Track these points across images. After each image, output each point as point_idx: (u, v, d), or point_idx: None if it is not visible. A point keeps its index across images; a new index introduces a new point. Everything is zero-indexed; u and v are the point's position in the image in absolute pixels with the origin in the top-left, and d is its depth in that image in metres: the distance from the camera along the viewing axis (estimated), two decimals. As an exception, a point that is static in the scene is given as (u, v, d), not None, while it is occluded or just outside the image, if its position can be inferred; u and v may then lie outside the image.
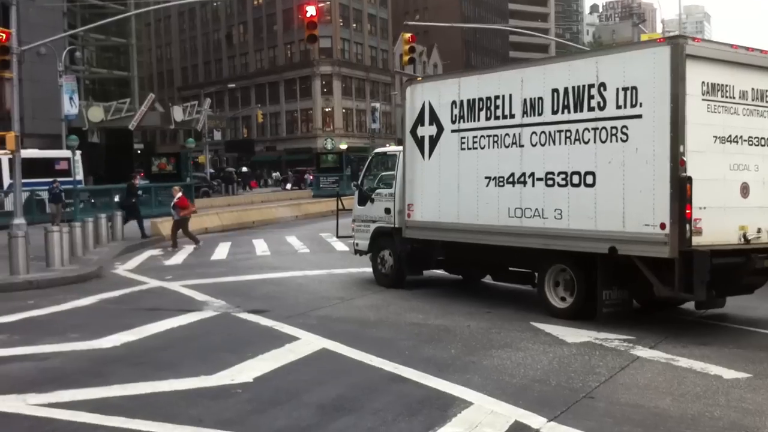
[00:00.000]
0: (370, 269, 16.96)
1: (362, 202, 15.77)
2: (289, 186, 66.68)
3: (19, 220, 24.85)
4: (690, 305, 11.92)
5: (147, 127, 64.57)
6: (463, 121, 13.01)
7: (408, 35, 31.12)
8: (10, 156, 32.53)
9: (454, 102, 13.17)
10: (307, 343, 10.15)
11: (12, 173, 33.52)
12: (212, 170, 65.01)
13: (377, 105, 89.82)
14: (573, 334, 10.43)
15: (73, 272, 17.82)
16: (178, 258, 21.28)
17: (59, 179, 32.83)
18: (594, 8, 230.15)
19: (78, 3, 65.60)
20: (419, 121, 13.93)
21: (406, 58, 31.34)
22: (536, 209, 11.73)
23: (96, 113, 58.29)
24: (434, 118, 13.60)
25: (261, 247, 23.32)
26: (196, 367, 8.94)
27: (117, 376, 8.65)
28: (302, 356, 9.47)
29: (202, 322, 11.91)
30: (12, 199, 27.95)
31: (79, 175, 38.73)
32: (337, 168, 51.67)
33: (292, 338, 10.46)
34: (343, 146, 70.41)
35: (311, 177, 64.01)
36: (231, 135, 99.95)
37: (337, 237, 17.99)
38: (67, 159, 38.57)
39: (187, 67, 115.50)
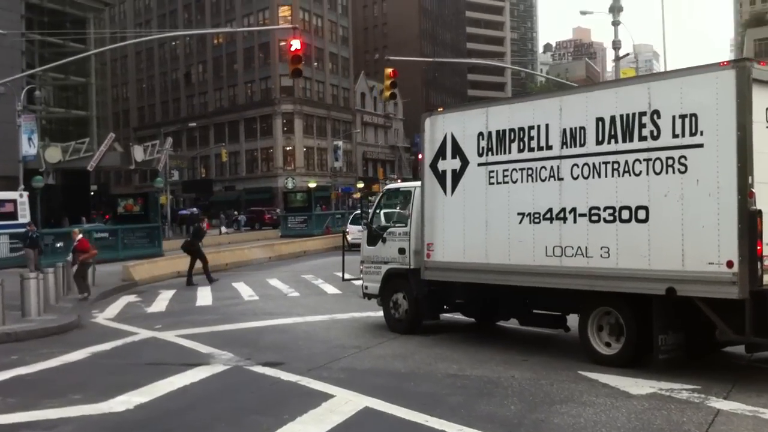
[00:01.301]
0: (373, 313, 16.14)
1: (372, 241, 14.74)
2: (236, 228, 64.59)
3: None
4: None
5: (106, 167, 62.86)
6: (492, 154, 12.14)
7: (389, 70, 30.52)
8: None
9: (481, 133, 12.31)
10: (346, 401, 9.06)
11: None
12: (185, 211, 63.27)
13: (339, 143, 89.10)
14: (633, 385, 9.50)
15: (52, 322, 16.42)
16: (159, 305, 19.96)
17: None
18: (547, 47, 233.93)
19: (36, 42, 64.06)
20: (440, 154, 13.03)
21: (387, 93, 30.72)
22: (579, 247, 10.84)
23: (53, 154, 56.36)
24: (458, 151, 12.71)
25: (245, 291, 22.08)
26: (229, 435, 7.82)
27: (143, 448, 7.49)
28: (347, 417, 8.38)
29: (216, 379, 10.73)
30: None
31: (26, 218, 36.99)
32: (306, 207, 50.56)
33: (325, 395, 9.35)
34: (312, 184, 69.36)
35: (268, 217, 62.41)
36: (189, 175, 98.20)
37: (343, 280, 16.94)
38: (13, 201, 36.80)
39: (144, 106, 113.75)
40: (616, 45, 31.71)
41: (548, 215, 11.27)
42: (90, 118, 66.31)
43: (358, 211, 46.21)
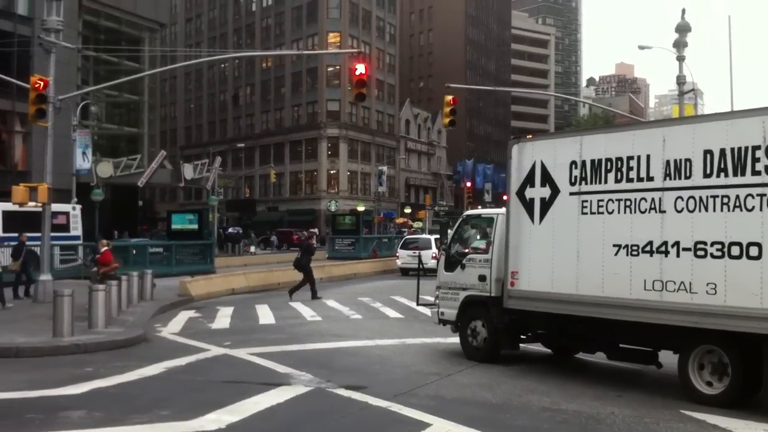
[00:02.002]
0: (442, 339, 15.98)
1: (450, 267, 14.45)
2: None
3: (46, 276, 23.68)
4: None
5: (155, 183, 63.47)
6: (586, 183, 11.82)
7: (449, 97, 30.27)
8: (9, 208, 31.39)
9: (573, 162, 12.00)
10: (445, 431, 8.74)
11: (6, 226, 32.39)
12: (232, 229, 63.57)
13: (384, 168, 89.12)
14: (744, 427, 9.06)
15: (119, 335, 16.35)
16: (222, 321, 19.83)
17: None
18: (590, 81, 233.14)
19: (91, 59, 65.08)
20: (528, 181, 12.74)
21: (446, 120, 30.44)
22: (682, 282, 10.45)
23: (105, 169, 57.07)
24: (548, 179, 12.41)
25: (305, 311, 21.85)
26: (336, 461, 7.54)
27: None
28: (453, 449, 8.06)
29: (302, 401, 10.46)
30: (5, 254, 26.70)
31: (78, 231, 37.29)
32: (354, 230, 50.44)
33: (422, 424, 9.04)
34: (360, 208, 69.27)
35: (296, 237, 62.23)
36: (233, 194, 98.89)
37: (417, 305, 16.66)
38: (66, 213, 37.12)
39: (191, 126, 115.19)
40: (681, 80, 31.19)
41: (648, 248, 10.90)
42: (141, 136, 67.01)
43: (409, 236, 46.13)
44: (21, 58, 46.48)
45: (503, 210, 13.98)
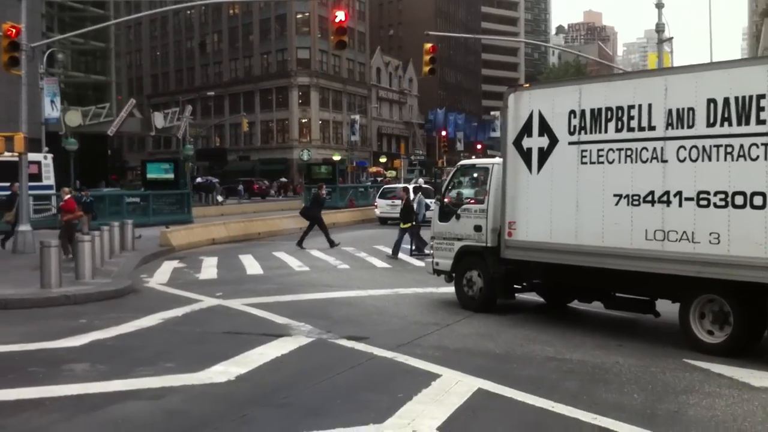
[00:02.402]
0: (434, 289, 16.09)
1: (445, 218, 14.40)
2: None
3: (25, 227, 23.28)
4: None
5: (126, 132, 62.52)
6: (585, 133, 11.75)
7: (429, 45, 29.96)
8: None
9: (572, 111, 11.91)
10: (456, 382, 8.75)
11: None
12: (200, 179, 62.56)
13: (357, 117, 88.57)
14: (750, 376, 9.12)
15: (108, 286, 16.18)
16: (209, 272, 19.70)
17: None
18: (560, 29, 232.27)
19: (55, 4, 63.39)
20: (525, 131, 12.63)
21: (426, 68, 30.15)
22: (684, 232, 10.49)
23: (74, 118, 55.93)
24: (545, 129, 12.32)
25: (291, 261, 21.78)
26: (351, 414, 7.53)
27: (269, 425, 7.23)
28: (465, 399, 8.07)
29: (306, 351, 10.44)
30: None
31: (50, 180, 36.67)
32: (330, 179, 50.07)
33: (431, 374, 9.05)
34: (336, 157, 68.83)
35: (256, 186, 60.61)
36: (203, 144, 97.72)
37: (411, 254, 16.63)
38: (38, 163, 36.45)
39: (158, 74, 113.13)
40: (660, 28, 31.12)
41: (649, 198, 10.90)
42: (108, 84, 65.80)
43: (386, 185, 45.99)
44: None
45: (498, 160, 13.90)
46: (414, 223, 22.88)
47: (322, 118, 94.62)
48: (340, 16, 24.41)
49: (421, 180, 45.28)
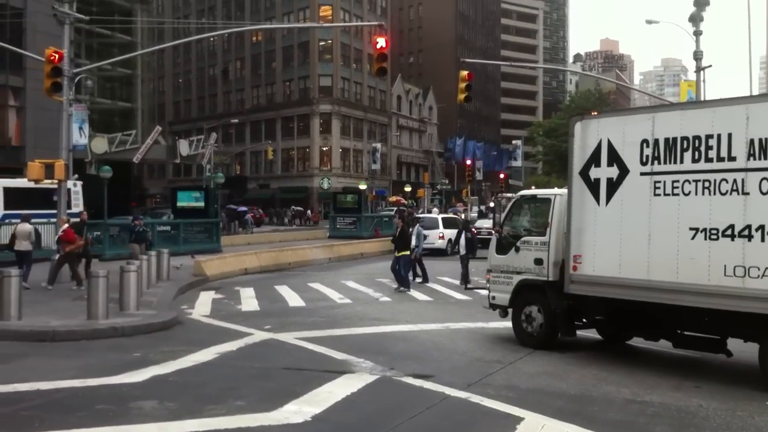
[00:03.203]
0: (484, 323, 15.64)
1: (503, 250, 14.04)
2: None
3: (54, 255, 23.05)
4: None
5: (152, 160, 62.61)
6: (659, 163, 11.40)
7: (465, 73, 29.78)
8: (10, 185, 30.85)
9: (645, 141, 11.57)
10: (541, 426, 8.40)
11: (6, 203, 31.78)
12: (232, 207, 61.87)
13: (378, 145, 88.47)
14: (844, 420, 8.75)
15: (154, 318, 15.86)
16: (250, 303, 19.37)
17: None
18: (577, 57, 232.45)
19: (83, 31, 63.83)
20: (593, 161, 12.30)
21: (461, 96, 29.96)
22: (767, 268, 10.10)
23: (99, 144, 56.14)
24: (615, 159, 11.98)
25: (330, 293, 21.40)
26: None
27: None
28: (559, 445, 7.70)
29: (374, 390, 10.07)
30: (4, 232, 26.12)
31: (79, 207, 36.54)
32: (356, 209, 49.83)
33: (513, 417, 8.68)
34: (363, 186, 68.57)
35: (251, 215, 59.83)
36: (223, 171, 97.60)
37: (466, 288, 16.29)
38: (68, 190, 36.34)
39: (180, 101, 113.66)
40: (698, 56, 30.80)
41: (729, 232, 10.52)
42: (134, 110, 66.01)
43: (416, 216, 45.66)
44: (13, 30, 45.49)
45: (560, 191, 13.61)
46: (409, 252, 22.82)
47: (343, 146, 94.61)
48: (381, 42, 24.21)
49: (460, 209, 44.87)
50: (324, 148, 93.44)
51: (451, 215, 44.84)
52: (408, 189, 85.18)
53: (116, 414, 8.68)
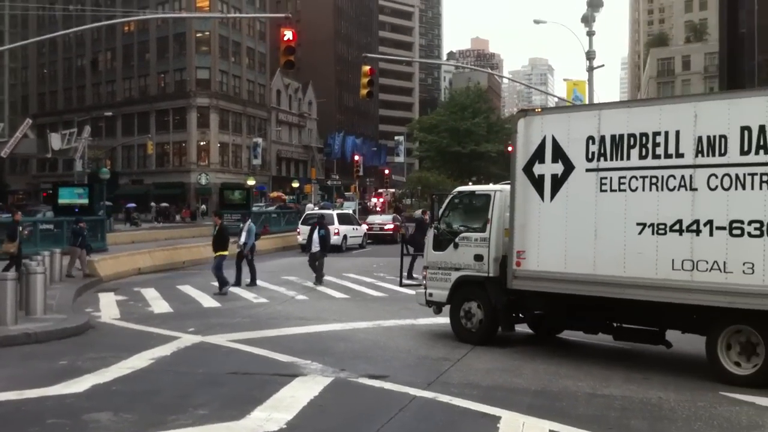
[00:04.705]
0: (413, 320, 15.57)
1: (440, 247, 13.88)
2: None
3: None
4: None
5: (21, 154, 59.18)
6: (605, 159, 11.54)
7: (367, 68, 29.60)
8: None
9: (591, 137, 11.69)
10: (522, 423, 8.30)
11: None
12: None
13: (259, 140, 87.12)
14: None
15: (65, 323, 14.85)
16: (159, 305, 18.43)
17: None
18: (450, 55, 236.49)
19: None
20: (537, 157, 12.32)
21: (364, 91, 29.77)
22: (715, 262, 10.38)
23: (-37, 137, 52.84)
24: (560, 155, 12.05)
25: (242, 292, 20.65)
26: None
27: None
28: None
29: (335, 393, 9.67)
30: None
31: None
32: (244, 205, 48.62)
33: (490, 417, 8.54)
34: (251, 182, 67.23)
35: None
36: (92, 166, 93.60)
37: (401, 285, 16.07)
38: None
39: (45, 93, 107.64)
40: (591, 56, 31.77)
41: (676, 227, 10.76)
42: (1, 103, 62.30)
43: (309, 212, 45.13)
44: None
45: (499, 186, 13.63)
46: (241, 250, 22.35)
47: (221, 141, 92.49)
48: (288, 35, 23.71)
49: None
50: (201, 143, 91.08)
51: (346, 212, 44.71)
52: (296, 185, 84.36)
53: (73, 429, 7.98)
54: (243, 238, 22.58)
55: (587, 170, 11.74)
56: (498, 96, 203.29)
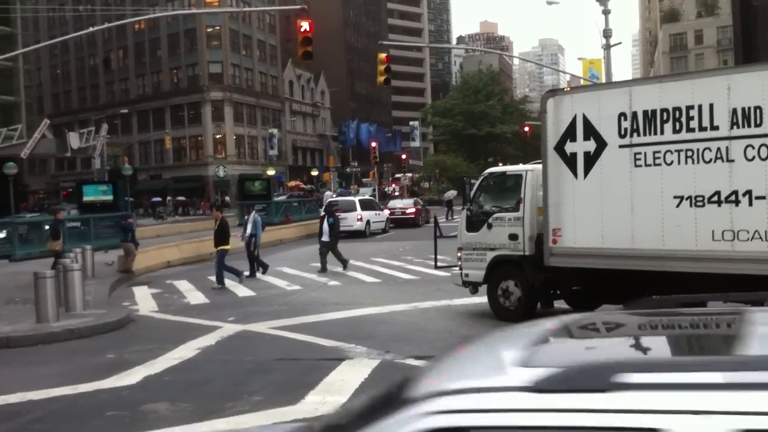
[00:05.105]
0: (449, 300, 15.60)
1: (474, 228, 13.98)
2: None
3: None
4: None
5: (41, 155, 59.65)
6: (638, 135, 11.59)
7: (383, 55, 29.65)
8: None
9: (622, 114, 11.72)
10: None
11: None
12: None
13: (275, 131, 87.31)
14: None
15: (106, 317, 15.08)
16: (194, 296, 18.69)
17: None
18: (460, 40, 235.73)
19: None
20: (568, 136, 12.36)
21: (381, 78, 29.82)
22: (756, 231, 10.43)
23: (-16, 141, 53.33)
24: (591, 133, 12.09)
25: (274, 281, 20.86)
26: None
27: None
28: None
29: (384, 375, 9.65)
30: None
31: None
32: (265, 195, 48.83)
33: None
34: (270, 172, 67.47)
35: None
36: (110, 163, 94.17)
37: (436, 267, 16.20)
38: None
39: (59, 93, 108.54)
40: (607, 34, 31.68)
41: (715, 198, 10.80)
42: (18, 104, 62.72)
43: (332, 199, 45.31)
44: None
45: (530, 166, 13.70)
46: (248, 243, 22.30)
47: (237, 133, 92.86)
48: (305, 26, 23.79)
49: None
50: (217, 136, 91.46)
51: (367, 197, 44.91)
52: (315, 173, 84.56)
53: (134, 419, 8.15)
54: (249, 230, 22.40)
55: (620, 146, 11.77)
56: (509, 78, 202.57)
